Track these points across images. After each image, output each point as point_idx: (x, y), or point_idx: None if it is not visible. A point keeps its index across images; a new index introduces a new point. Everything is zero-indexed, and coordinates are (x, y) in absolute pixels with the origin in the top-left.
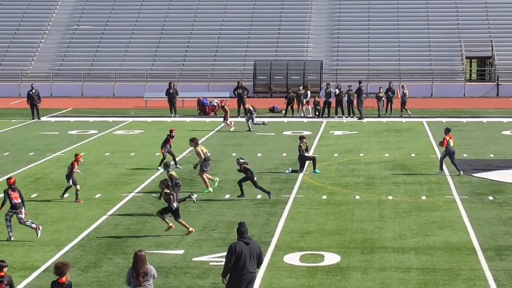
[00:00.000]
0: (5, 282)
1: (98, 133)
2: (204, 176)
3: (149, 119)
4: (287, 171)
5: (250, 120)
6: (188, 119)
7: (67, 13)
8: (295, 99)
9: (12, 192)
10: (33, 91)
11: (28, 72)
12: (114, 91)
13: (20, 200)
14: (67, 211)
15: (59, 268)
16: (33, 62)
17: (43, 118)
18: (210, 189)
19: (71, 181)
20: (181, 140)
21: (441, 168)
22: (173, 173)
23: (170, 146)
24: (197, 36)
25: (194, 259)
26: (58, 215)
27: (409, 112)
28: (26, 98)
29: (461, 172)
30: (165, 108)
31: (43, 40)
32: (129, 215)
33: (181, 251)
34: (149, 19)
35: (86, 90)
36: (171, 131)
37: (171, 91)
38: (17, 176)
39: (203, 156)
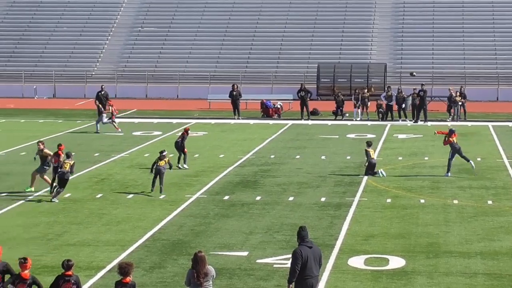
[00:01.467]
0: (72, 281)
1: (162, 134)
2: None
3: (213, 121)
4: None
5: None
6: (251, 121)
7: (131, 15)
8: (344, 102)
9: None
10: (102, 92)
11: (93, 73)
12: (178, 93)
13: None
14: (132, 212)
15: (124, 268)
16: (98, 63)
17: (106, 119)
18: None
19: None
20: (245, 142)
21: (448, 171)
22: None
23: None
24: (261, 38)
25: (258, 261)
26: (123, 216)
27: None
28: (94, 99)
29: (471, 162)
30: (229, 110)
31: (107, 42)
32: (193, 216)
33: (245, 253)
34: (212, 21)
35: (150, 91)
36: (186, 130)
37: (234, 93)
38: (82, 176)
39: None
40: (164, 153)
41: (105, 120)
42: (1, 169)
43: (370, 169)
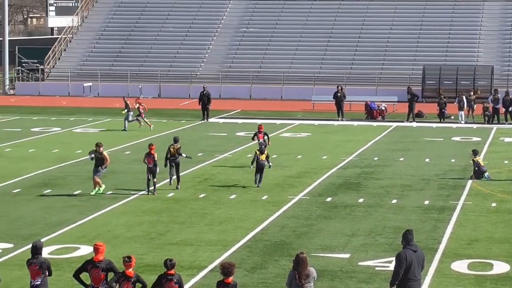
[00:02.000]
0: (175, 280)
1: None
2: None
3: (316, 122)
4: None
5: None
6: (355, 123)
7: (237, 16)
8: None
9: None
10: (204, 92)
11: (198, 73)
12: (282, 94)
13: None
14: (234, 212)
15: (227, 269)
16: (202, 64)
17: (211, 120)
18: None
19: None
20: (348, 144)
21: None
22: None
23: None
24: (366, 40)
25: (360, 263)
26: (225, 216)
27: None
28: (198, 99)
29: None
30: (332, 111)
31: (213, 42)
32: (295, 217)
33: (347, 255)
34: (318, 22)
35: (254, 92)
36: (259, 126)
37: (338, 94)
38: (186, 176)
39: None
40: (264, 146)
41: (130, 118)
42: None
43: (478, 175)
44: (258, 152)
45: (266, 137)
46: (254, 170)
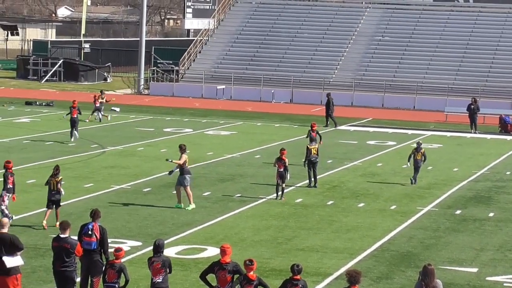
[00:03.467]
0: (300, 285)
1: (396, 144)
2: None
3: (448, 134)
4: None
5: None
6: (488, 136)
7: (373, 23)
8: None
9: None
10: (328, 99)
11: (331, 80)
12: (414, 104)
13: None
14: (362, 221)
15: (354, 277)
16: (336, 71)
17: (342, 127)
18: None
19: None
20: (481, 157)
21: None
22: None
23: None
24: (503, 52)
25: (488, 278)
26: (352, 224)
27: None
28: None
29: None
30: (466, 123)
31: (347, 50)
32: (423, 229)
33: (474, 269)
34: (454, 33)
35: (387, 101)
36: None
37: (472, 106)
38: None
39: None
40: (421, 145)
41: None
42: (236, 170)
43: None
44: (414, 150)
45: (318, 135)
46: (412, 168)
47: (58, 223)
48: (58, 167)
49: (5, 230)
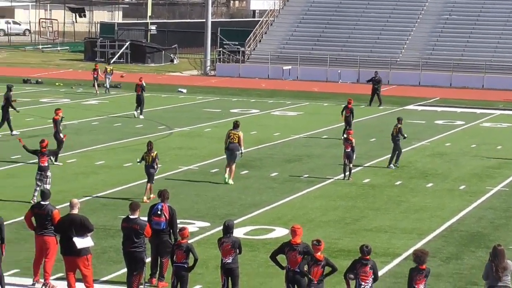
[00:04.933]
0: (369, 265)
1: (465, 124)
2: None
3: None
4: None
5: None
6: None
7: (440, 2)
8: None
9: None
10: (376, 77)
11: (398, 60)
12: (483, 83)
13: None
14: (431, 201)
15: (420, 257)
16: (403, 50)
17: (410, 106)
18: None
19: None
20: None
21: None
22: None
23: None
24: None
25: None
26: (421, 204)
27: None
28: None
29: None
30: None
31: (414, 29)
32: (493, 209)
33: None
34: None
35: (455, 80)
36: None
37: None
38: (381, 162)
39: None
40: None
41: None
42: (303, 151)
43: None
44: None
45: (351, 114)
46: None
47: (151, 196)
48: (151, 143)
49: (75, 211)
